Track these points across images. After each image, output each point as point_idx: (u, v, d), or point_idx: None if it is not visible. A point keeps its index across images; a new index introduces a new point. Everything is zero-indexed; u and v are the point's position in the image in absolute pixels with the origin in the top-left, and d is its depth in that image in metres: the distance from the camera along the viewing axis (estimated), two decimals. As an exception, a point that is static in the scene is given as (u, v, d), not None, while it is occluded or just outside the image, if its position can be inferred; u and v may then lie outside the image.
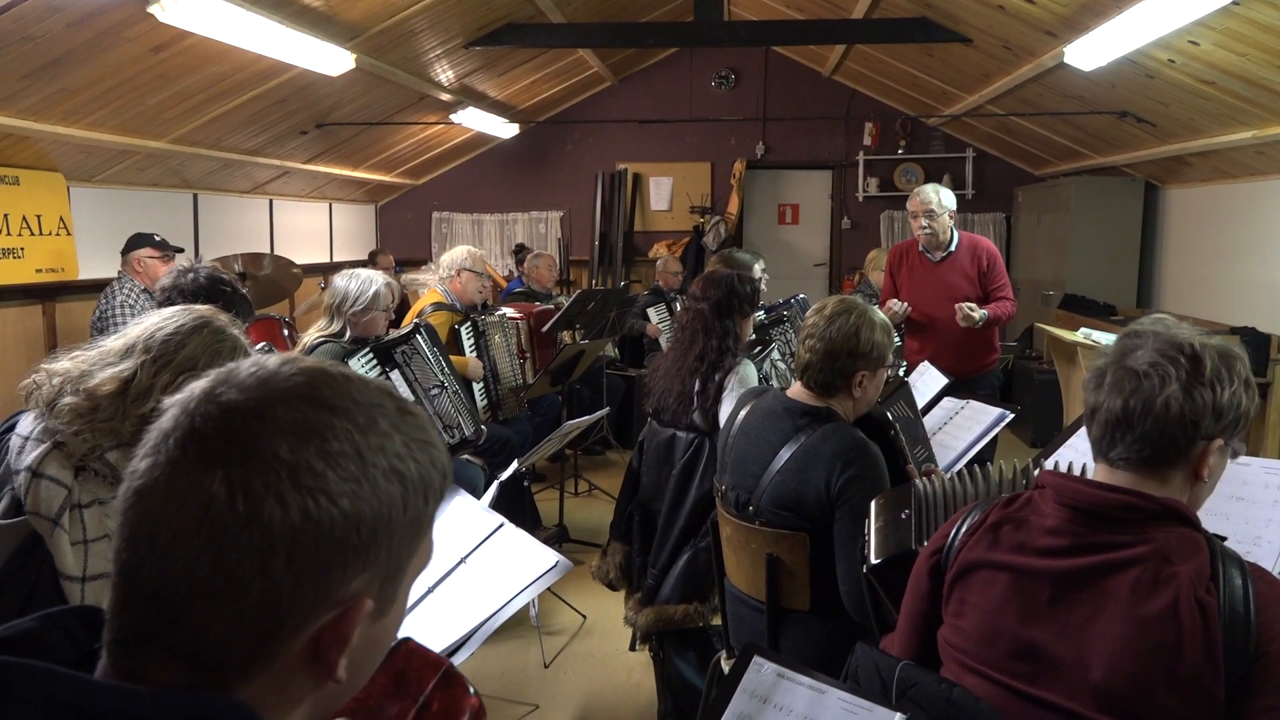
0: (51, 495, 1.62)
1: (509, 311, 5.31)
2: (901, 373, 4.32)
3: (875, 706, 1.33)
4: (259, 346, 2.97)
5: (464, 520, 2.01)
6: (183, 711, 0.65)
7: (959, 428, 3.07)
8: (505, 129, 8.56)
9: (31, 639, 0.69)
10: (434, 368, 3.99)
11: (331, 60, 5.00)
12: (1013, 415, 2.96)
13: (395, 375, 3.80)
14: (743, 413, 2.55)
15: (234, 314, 2.64)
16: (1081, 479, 1.43)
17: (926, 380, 3.62)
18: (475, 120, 7.72)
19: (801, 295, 5.68)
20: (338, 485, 0.69)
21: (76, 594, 1.65)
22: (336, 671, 0.72)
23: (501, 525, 2.04)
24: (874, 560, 1.83)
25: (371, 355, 3.76)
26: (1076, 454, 2.03)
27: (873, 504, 1.95)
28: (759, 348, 4.11)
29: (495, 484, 2.87)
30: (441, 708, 1.17)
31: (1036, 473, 1.80)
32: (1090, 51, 4.78)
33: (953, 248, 4.56)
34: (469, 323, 4.85)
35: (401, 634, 0.89)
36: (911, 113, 9.21)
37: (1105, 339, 5.10)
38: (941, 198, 4.49)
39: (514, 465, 3.26)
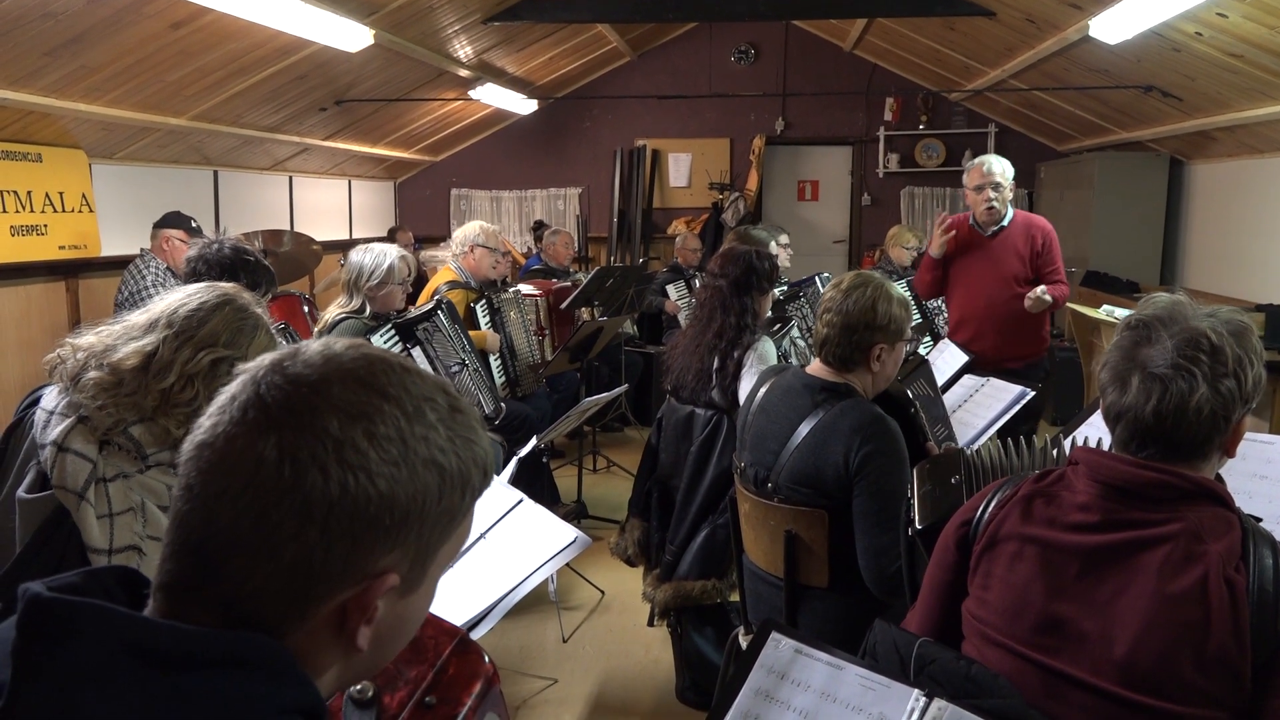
0: (77, 469, 1.63)
1: (524, 288, 5.31)
2: (922, 350, 4.29)
3: (893, 683, 1.33)
4: (278, 325, 2.98)
5: (484, 496, 2.02)
6: (231, 649, 0.69)
7: (979, 405, 3.06)
8: (524, 105, 8.52)
9: (76, 590, 0.72)
10: (455, 345, 4.00)
11: (350, 36, 4.99)
12: (1033, 394, 2.94)
13: (417, 352, 3.80)
14: (762, 390, 2.55)
15: (257, 284, 2.67)
16: (1116, 456, 1.41)
17: (946, 358, 3.61)
18: (493, 96, 7.70)
19: (825, 274, 5.64)
20: (378, 466, 0.72)
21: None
22: (357, 639, 0.76)
23: (520, 501, 2.06)
24: (919, 525, 1.83)
25: (394, 332, 3.77)
26: (1098, 431, 2.02)
27: (915, 471, 1.94)
28: (778, 325, 4.09)
29: (514, 460, 2.89)
30: (457, 672, 1.21)
31: (1068, 449, 1.79)
32: (1115, 24, 4.70)
33: (1005, 222, 4.28)
34: (484, 300, 4.85)
35: None
36: (933, 88, 9.11)
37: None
38: (1005, 168, 4.25)
39: (533, 442, 3.28)
